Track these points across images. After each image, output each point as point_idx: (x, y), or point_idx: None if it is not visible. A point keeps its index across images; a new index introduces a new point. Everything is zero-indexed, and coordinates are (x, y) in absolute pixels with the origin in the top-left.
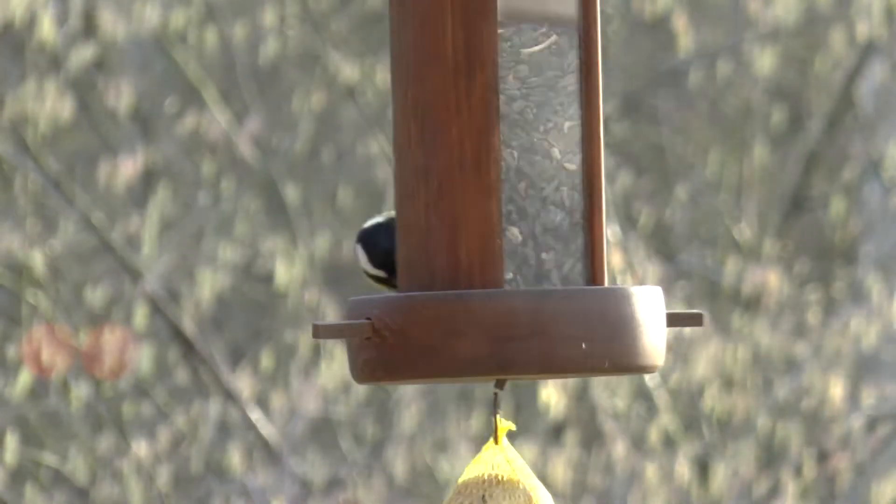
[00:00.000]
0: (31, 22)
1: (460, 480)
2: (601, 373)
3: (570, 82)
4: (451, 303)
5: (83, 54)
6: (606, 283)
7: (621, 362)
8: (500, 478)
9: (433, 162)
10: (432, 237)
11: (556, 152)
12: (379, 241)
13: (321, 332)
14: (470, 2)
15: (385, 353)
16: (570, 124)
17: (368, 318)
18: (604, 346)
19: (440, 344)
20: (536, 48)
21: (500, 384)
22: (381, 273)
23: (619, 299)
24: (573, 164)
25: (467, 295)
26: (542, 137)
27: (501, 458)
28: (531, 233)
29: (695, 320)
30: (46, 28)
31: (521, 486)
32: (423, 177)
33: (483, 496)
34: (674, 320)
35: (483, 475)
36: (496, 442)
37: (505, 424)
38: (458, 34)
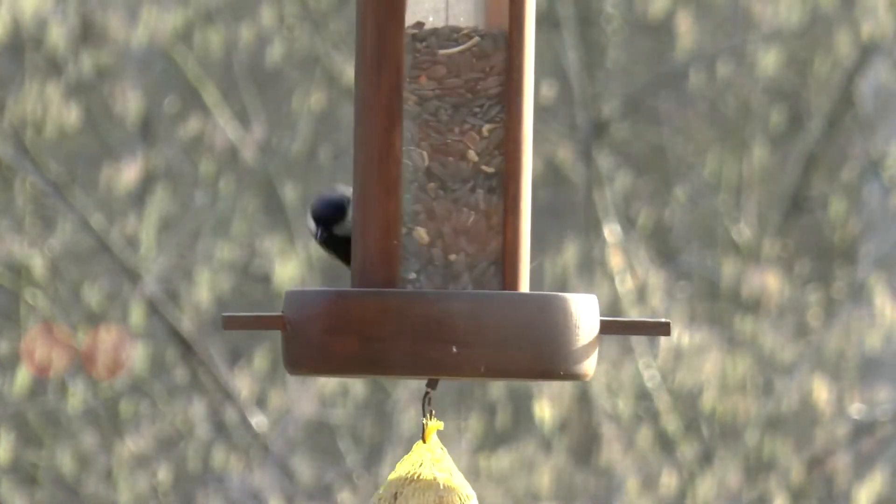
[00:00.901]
0: (38, 27)
1: (390, 477)
2: (474, 375)
3: (493, 84)
4: (331, 300)
5: (86, 59)
6: (523, 288)
7: (505, 368)
8: (416, 476)
9: (356, 159)
10: (355, 236)
11: (472, 154)
12: (316, 200)
13: (230, 323)
14: (382, 3)
15: (288, 347)
16: (492, 126)
17: (282, 313)
18: (477, 351)
19: (320, 340)
20: (455, 49)
21: (432, 383)
22: (312, 227)
23: (517, 304)
24: (491, 168)
25: (347, 293)
26: (458, 139)
27: (428, 458)
28: (439, 233)
29: (662, 329)
30: (53, 34)
31: (435, 485)
32: (349, 175)
33: (395, 494)
34: (640, 328)
35: (403, 474)
36: (424, 441)
37: (433, 424)
38: (373, 34)
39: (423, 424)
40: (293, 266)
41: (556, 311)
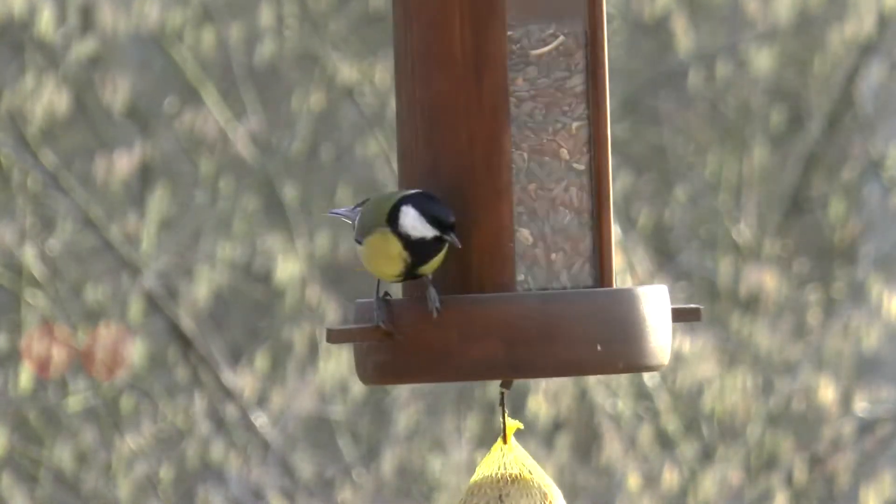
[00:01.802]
0: (31, 17)
1: (472, 481)
2: (614, 372)
3: (578, 83)
4: (465, 306)
5: (81, 50)
6: (613, 284)
7: (633, 362)
8: (514, 476)
9: (442, 164)
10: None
11: (564, 153)
12: (427, 203)
13: (335, 336)
14: (478, 4)
15: (399, 356)
16: (578, 125)
17: (381, 322)
18: (616, 347)
19: (456, 347)
20: (545, 49)
21: (506, 384)
22: (434, 232)
23: (628, 300)
24: (581, 165)
25: (482, 299)
26: (552, 138)
27: (511, 458)
28: (541, 234)
29: (693, 315)
30: (45, 24)
31: (535, 485)
32: (433, 178)
33: (500, 496)
34: (673, 315)
35: (496, 475)
36: (505, 441)
37: (513, 423)
38: (467, 36)
39: (503, 424)
40: (293, 265)
41: (653, 304)
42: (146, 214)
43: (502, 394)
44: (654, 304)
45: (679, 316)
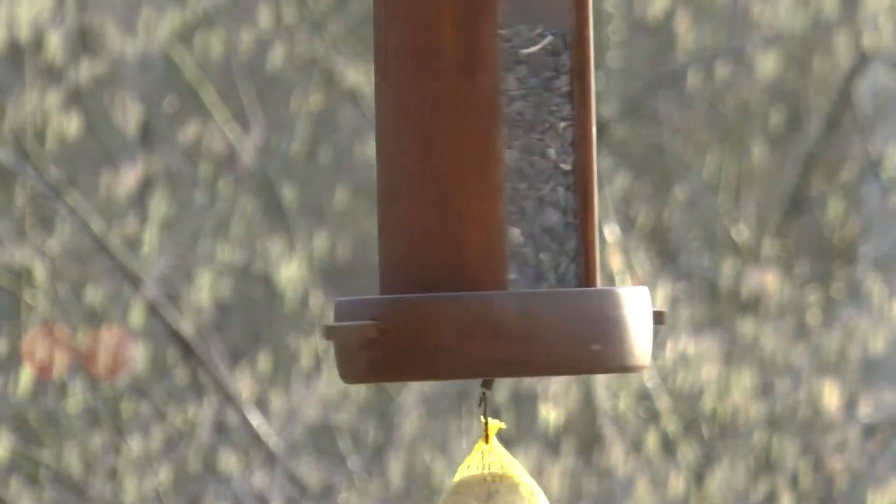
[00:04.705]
0: (36, 34)
1: (457, 480)
2: (596, 372)
3: (564, 83)
4: (459, 304)
5: (85, 65)
6: (598, 284)
7: (615, 362)
8: (500, 476)
9: (430, 163)
10: (431, 239)
11: (552, 153)
12: None
13: (330, 333)
14: (470, 1)
15: (391, 354)
16: (564, 125)
17: (374, 319)
18: (599, 347)
19: (451, 344)
20: (534, 49)
21: (487, 384)
22: None
23: (611, 300)
24: (567, 165)
25: (473, 296)
26: (540, 138)
27: (494, 458)
28: (530, 233)
29: (657, 318)
30: (52, 43)
31: (522, 483)
32: (419, 178)
33: (489, 492)
34: None
35: (483, 474)
36: (486, 441)
37: (495, 423)
38: (459, 35)
39: (484, 424)
40: (294, 267)
41: (635, 305)
42: (146, 217)
43: (483, 394)
44: (636, 305)
45: None
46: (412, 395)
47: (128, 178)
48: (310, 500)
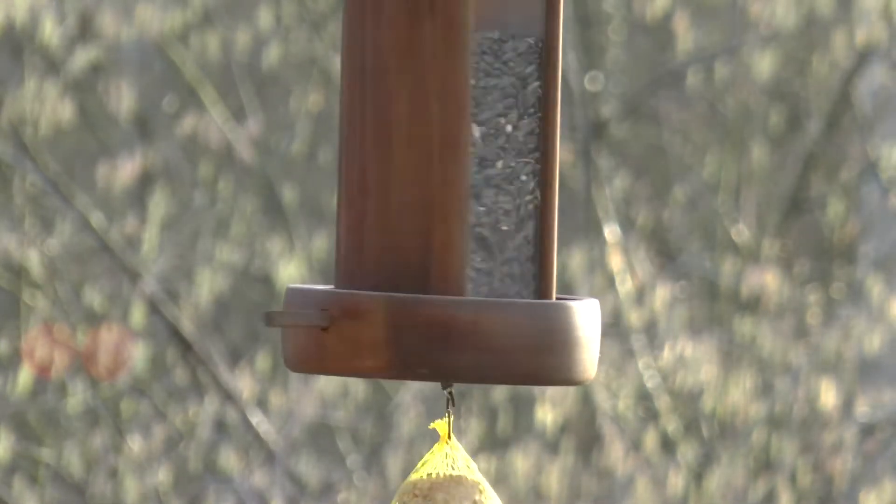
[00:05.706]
0: (33, 23)
1: (409, 479)
2: (540, 384)
3: (532, 83)
4: (406, 304)
5: (83, 56)
6: (552, 295)
7: (561, 375)
8: (448, 474)
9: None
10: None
11: (511, 161)
12: None
13: (275, 319)
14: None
15: (330, 347)
16: (527, 133)
17: (324, 309)
18: (545, 359)
19: (391, 344)
20: (511, 51)
21: (447, 384)
22: None
23: (562, 313)
24: (527, 176)
25: (423, 300)
26: (501, 146)
27: (454, 456)
28: (489, 240)
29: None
30: (48, 30)
31: (467, 482)
32: (374, 176)
33: (430, 486)
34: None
35: (431, 473)
36: (448, 439)
37: (441, 423)
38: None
39: (448, 422)
40: (293, 266)
41: (586, 319)
42: (145, 216)
43: (450, 394)
44: (587, 319)
45: None
46: (410, 394)
47: (125, 170)
48: (309, 499)
